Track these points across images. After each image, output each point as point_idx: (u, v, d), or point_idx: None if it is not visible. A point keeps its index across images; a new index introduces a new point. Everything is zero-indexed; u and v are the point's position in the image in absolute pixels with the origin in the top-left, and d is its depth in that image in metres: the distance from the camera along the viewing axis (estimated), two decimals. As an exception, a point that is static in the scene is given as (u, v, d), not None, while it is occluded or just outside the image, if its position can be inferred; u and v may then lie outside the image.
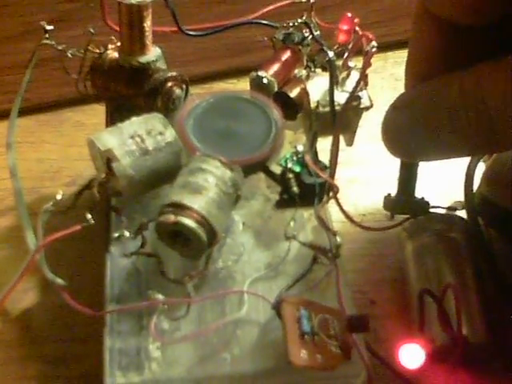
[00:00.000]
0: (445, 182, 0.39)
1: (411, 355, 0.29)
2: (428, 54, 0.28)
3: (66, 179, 0.40)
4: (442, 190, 0.39)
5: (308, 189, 0.32)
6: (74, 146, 0.41)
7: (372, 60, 0.31)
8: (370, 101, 0.33)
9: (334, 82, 0.32)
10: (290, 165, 0.32)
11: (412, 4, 0.27)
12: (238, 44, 0.44)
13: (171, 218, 0.28)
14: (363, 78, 0.31)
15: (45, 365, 0.33)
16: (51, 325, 0.34)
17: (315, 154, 0.34)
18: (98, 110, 0.38)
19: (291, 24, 0.36)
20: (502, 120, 0.24)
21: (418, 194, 0.36)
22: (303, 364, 0.26)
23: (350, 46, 0.34)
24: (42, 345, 0.34)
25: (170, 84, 0.34)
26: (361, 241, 0.38)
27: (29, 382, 0.33)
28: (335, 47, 0.36)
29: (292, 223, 0.31)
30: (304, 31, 0.37)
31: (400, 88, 0.27)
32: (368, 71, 0.31)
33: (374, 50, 0.30)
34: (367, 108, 0.33)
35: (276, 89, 0.35)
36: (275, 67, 0.36)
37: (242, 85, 0.44)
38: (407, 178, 0.35)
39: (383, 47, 0.39)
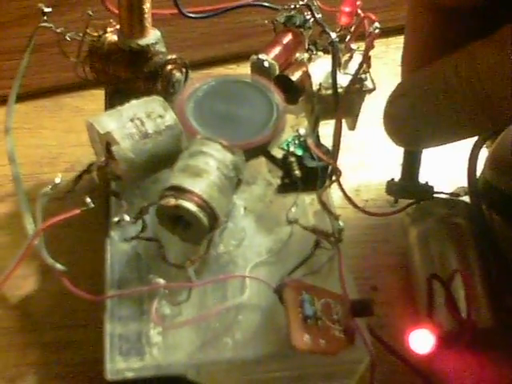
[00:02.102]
0: (449, 168, 0.39)
1: (421, 340, 0.29)
2: (423, 41, 0.28)
3: (64, 165, 0.40)
4: (446, 176, 0.39)
5: (310, 172, 0.32)
6: (72, 131, 0.41)
7: (374, 44, 0.31)
8: (373, 83, 0.33)
9: (336, 65, 0.31)
10: (292, 148, 0.32)
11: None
12: (237, 29, 0.44)
13: (172, 201, 0.28)
14: (366, 60, 0.31)
15: (45, 351, 0.33)
16: (51, 311, 0.34)
17: (317, 138, 0.33)
18: (97, 96, 0.38)
19: (292, 6, 0.36)
20: (497, 93, 0.24)
21: (422, 179, 0.36)
22: (306, 348, 0.26)
23: (353, 28, 0.33)
24: (42, 331, 0.34)
25: (169, 67, 0.34)
26: (363, 227, 0.38)
27: (29, 368, 0.32)
28: (337, 30, 0.36)
29: (294, 208, 0.31)
30: (305, 14, 0.36)
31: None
32: (370, 56, 0.31)
33: (376, 31, 0.30)
34: (370, 91, 0.33)
35: (277, 72, 0.35)
36: (276, 50, 0.36)
37: (242, 70, 0.44)
38: (411, 162, 0.35)
39: (385, 32, 0.38)
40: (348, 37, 0.34)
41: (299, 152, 0.32)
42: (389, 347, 0.30)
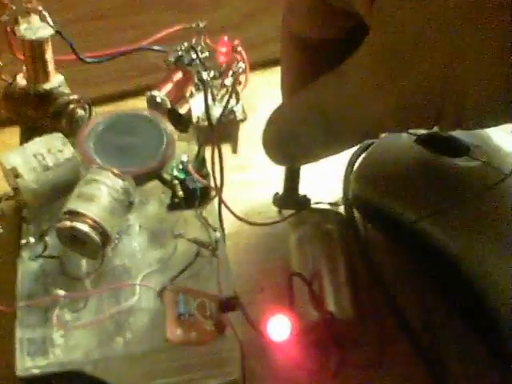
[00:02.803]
0: (330, 179, 0.44)
1: (279, 327, 0.34)
2: (293, 69, 0.32)
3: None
4: (328, 187, 0.44)
5: (191, 193, 0.37)
6: None
7: (241, 80, 0.36)
8: (245, 113, 0.38)
9: (208, 100, 0.37)
10: (175, 173, 0.37)
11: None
12: (144, 65, 0.48)
13: (67, 223, 0.33)
14: (234, 94, 0.36)
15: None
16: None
17: (202, 163, 0.39)
18: (18, 131, 0.43)
19: (179, 48, 0.41)
20: (338, 121, 0.29)
21: (305, 191, 0.41)
22: (178, 340, 0.31)
23: (225, 66, 0.39)
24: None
25: (72, 106, 0.39)
26: (254, 236, 0.43)
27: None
28: (221, 67, 0.41)
29: (179, 223, 0.36)
30: (192, 53, 0.41)
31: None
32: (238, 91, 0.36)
33: (240, 70, 0.35)
34: (242, 120, 0.38)
35: (169, 106, 0.40)
36: (167, 87, 0.41)
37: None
38: (291, 177, 0.40)
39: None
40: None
41: (182, 176, 0.37)
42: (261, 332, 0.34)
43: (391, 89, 0.26)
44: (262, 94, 0.48)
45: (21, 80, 0.40)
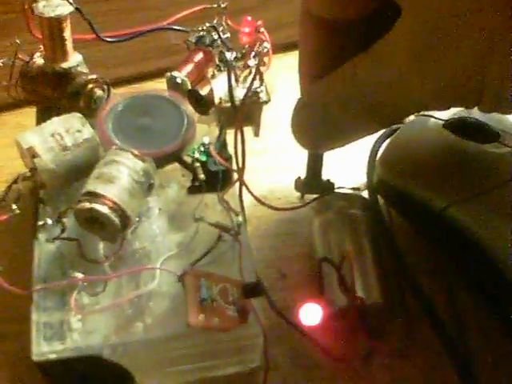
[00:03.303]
0: (352, 165, 0.43)
1: (310, 314, 0.33)
2: (313, 52, 0.31)
3: (6, 177, 0.43)
4: (350, 172, 0.43)
5: (213, 175, 0.36)
6: (13, 146, 0.44)
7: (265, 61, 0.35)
8: (268, 96, 0.37)
9: (231, 81, 0.36)
10: (197, 155, 0.36)
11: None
12: (164, 46, 0.48)
13: (86, 205, 0.32)
14: (259, 76, 0.35)
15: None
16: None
17: (223, 145, 0.38)
18: (35, 112, 0.42)
19: (200, 28, 0.40)
20: (378, 101, 0.28)
21: (326, 176, 0.40)
22: (200, 325, 0.30)
23: (248, 48, 0.38)
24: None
25: (90, 86, 0.38)
26: (275, 222, 0.42)
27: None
28: (243, 48, 0.40)
29: (200, 206, 0.35)
30: (213, 34, 0.40)
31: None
32: (262, 72, 0.35)
33: (265, 50, 0.34)
34: (265, 102, 0.37)
35: (189, 87, 0.39)
36: (188, 68, 0.40)
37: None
38: (314, 162, 0.39)
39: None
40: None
41: (203, 158, 0.36)
42: (287, 320, 0.33)
43: (431, 70, 0.25)
44: (282, 77, 0.47)
45: (38, 59, 0.39)
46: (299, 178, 0.40)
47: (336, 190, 0.40)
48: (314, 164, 0.39)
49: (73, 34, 0.38)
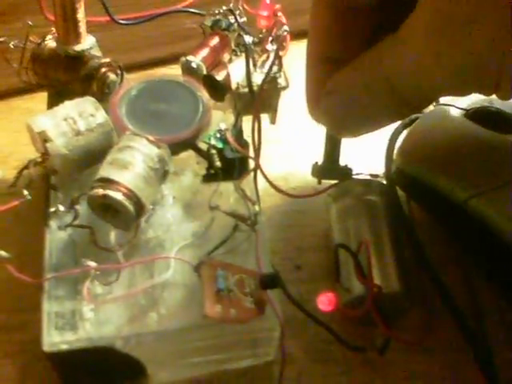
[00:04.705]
0: (371, 152, 0.42)
1: (327, 302, 0.32)
2: (322, 33, 0.31)
3: (15, 163, 0.43)
4: (369, 159, 0.42)
5: (229, 163, 0.35)
6: (23, 131, 0.43)
7: (284, 45, 0.34)
8: (287, 81, 0.36)
9: (249, 65, 0.35)
10: (213, 142, 0.35)
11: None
12: (178, 31, 0.47)
13: (100, 191, 0.31)
14: (277, 61, 0.34)
15: (-2, 332, 0.36)
16: (1, 296, 0.37)
17: (240, 132, 0.37)
18: (46, 97, 0.41)
19: (217, 11, 0.39)
20: (405, 88, 0.27)
21: (343, 162, 0.39)
22: (217, 317, 0.29)
23: (266, 32, 0.36)
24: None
25: (104, 70, 0.37)
26: (290, 212, 0.41)
27: (-16, 348, 0.35)
28: (260, 32, 0.39)
29: (215, 195, 0.34)
30: (230, 18, 0.39)
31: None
32: (281, 56, 0.34)
33: (285, 33, 0.33)
34: (284, 88, 0.36)
35: (205, 72, 0.38)
36: (204, 52, 0.39)
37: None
38: (332, 147, 0.38)
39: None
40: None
41: (220, 145, 0.35)
42: (305, 310, 0.33)
43: (449, 55, 0.25)
44: (297, 65, 0.46)
45: (50, 41, 0.38)
46: (316, 163, 0.39)
47: (354, 177, 0.39)
48: (332, 149, 0.38)
49: (86, 16, 0.37)
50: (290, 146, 0.44)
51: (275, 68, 0.35)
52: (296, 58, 0.43)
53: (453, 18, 0.24)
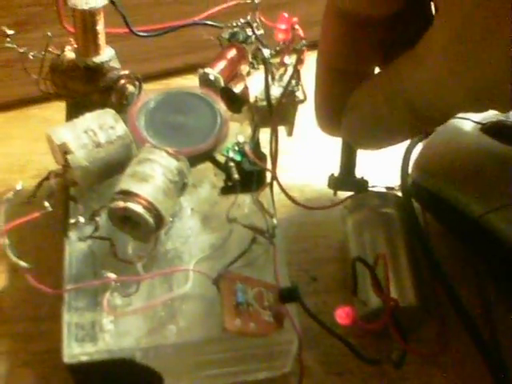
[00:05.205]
0: (387, 164, 0.42)
1: (345, 315, 0.32)
2: (332, 44, 0.32)
3: (32, 172, 0.43)
4: (384, 171, 0.42)
5: (248, 176, 0.35)
6: (40, 140, 0.43)
7: (303, 59, 0.34)
8: (305, 95, 0.36)
9: (268, 79, 0.35)
10: (231, 154, 0.35)
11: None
12: (193, 42, 0.47)
13: (120, 204, 0.31)
14: (296, 75, 0.34)
15: (15, 341, 0.36)
16: (20, 305, 0.37)
17: (257, 144, 0.37)
18: (63, 107, 0.41)
19: (234, 24, 0.39)
20: (424, 106, 0.27)
21: (360, 174, 0.39)
22: (237, 330, 0.29)
23: (284, 45, 0.37)
24: (12, 323, 0.37)
25: (123, 81, 0.37)
26: (306, 223, 0.42)
27: (1, 357, 0.35)
28: (278, 45, 0.39)
29: (234, 207, 0.34)
30: (248, 30, 0.40)
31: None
32: (299, 70, 0.34)
33: (303, 48, 0.33)
34: (302, 101, 0.36)
35: (222, 84, 0.38)
36: (221, 64, 0.39)
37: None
38: (348, 158, 0.38)
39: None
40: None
41: (238, 157, 0.35)
42: (322, 323, 0.33)
43: (466, 73, 0.25)
44: (310, 76, 0.46)
45: (69, 52, 0.38)
46: (332, 174, 0.39)
47: (370, 189, 0.39)
48: (348, 160, 0.38)
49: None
50: (305, 156, 0.45)
51: (293, 82, 0.35)
52: (310, 68, 0.43)
53: (468, 36, 0.24)
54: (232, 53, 0.40)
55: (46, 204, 0.32)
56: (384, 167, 0.42)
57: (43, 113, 0.47)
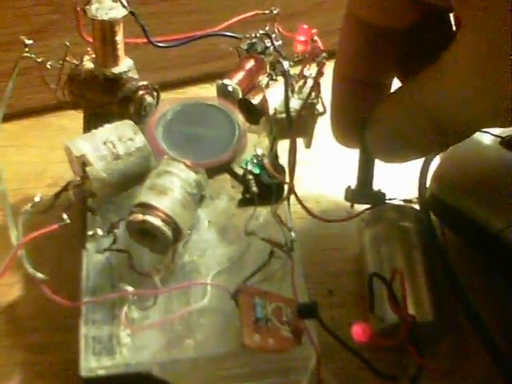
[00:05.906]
0: (405, 177, 0.42)
1: (361, 332, 0.32)
2: (351, 55, 0.32)
3: (48, 180, 0.43)
4: (402, 184, 0.41)
5: (266, 189, 0.35)
6: (56, 149, 0.43)
7: (323, 71, 0.34)
8: (324, 107, 0.36)
9: (288, 91, 0.35)
10: (250, 167, 0.35)
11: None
12: (210, 51, 0.47)
13: (139, 217, 0.31)
14: (316, 87, 0.34)
15: (30, 352, 0.36)
16: (35, 316, 0.37)
17: (275, 157, 0.37)
18: (79, 115, 0.41)
19: (253, 35, 0.39)
20: (445, 119, 0.27)
21: (377, 187, 0.39)
22: (256, 346, 0.29)
23: (303, 56, 0.36)
24: (27, 334, 0.37)
25: (141, 92, 0.37)
26: (322, 236, 0.41)
27: (15, 367, 0.35)
28: (296, 56, 0.39)
29: (252, 220, 0.34)
30: (266, 41, 0.39)
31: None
32: (320, 83, 0.34)
33: (323, 60, 0.33)
34: (321, 114, 0.36)
35: (240, 95, 0.38)
36: (239, 75, 0.39)
37: (215, 89, 0.47)
38: (366, 171, 0.38)
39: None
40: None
41: (256, 170, 0.35)
42: (340, 339, 0.32)
43: (491, 89, 0.25)
44: (328, 86, 0.46)
45: (87, 62, 0.38)
46: (349, 187, 0.39)
47: (387, 202, 0.39)
48: (365, 173, 0.38)
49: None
50: (321, 167, 0.44)
51: (313, 94, 0.35)
52: (327, 77, 0.43)
53: (496, 53, 0.24)
54: (250, 64, 0.39)
55: (65, 216, 0.32)
56: (402, 180, 0.42)
57: (59, 121, 0.47)
